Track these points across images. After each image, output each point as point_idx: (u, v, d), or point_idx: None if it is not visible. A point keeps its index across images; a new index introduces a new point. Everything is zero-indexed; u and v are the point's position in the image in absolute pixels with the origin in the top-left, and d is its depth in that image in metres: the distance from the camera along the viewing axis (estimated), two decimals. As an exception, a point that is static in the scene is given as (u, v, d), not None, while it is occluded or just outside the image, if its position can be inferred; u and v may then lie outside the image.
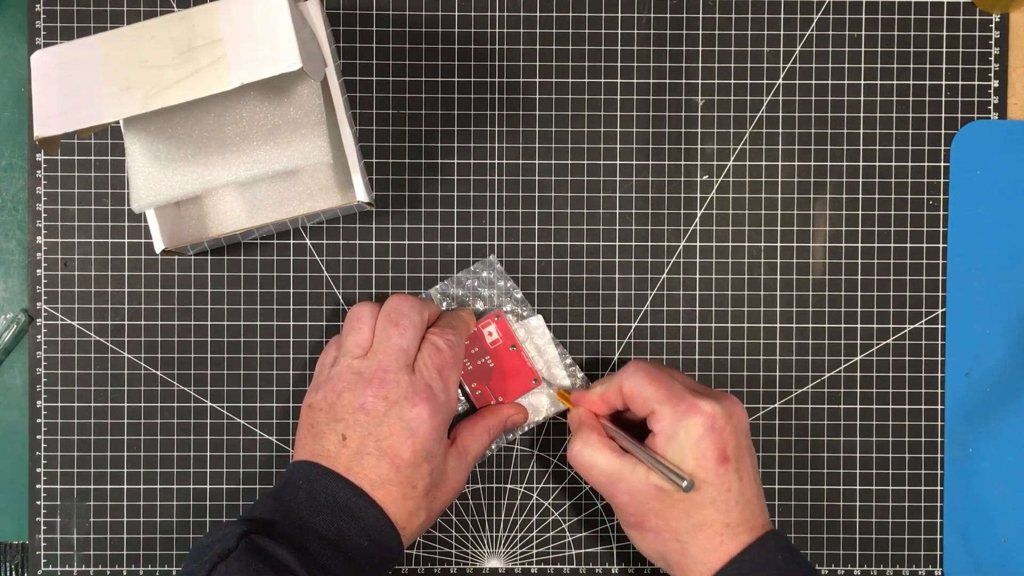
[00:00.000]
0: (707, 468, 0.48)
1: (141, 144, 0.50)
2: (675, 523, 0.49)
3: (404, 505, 0.49)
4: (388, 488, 0.48)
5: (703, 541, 0.48)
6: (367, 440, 0.49)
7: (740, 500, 0.48)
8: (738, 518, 0.48)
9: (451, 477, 0.51)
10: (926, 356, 0.57)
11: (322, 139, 0.50)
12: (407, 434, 0.49)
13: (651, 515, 0.49)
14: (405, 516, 0.49)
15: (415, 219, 0.57)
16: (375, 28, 0.57)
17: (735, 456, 0.49)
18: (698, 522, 0.48)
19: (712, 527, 0.48)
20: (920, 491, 0.57)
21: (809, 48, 0.57)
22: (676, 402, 0.49)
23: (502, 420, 0.55)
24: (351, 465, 0.48)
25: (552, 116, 0.57)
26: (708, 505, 0.48)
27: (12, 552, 0.58)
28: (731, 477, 0.48)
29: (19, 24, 0.58)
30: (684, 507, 0.48)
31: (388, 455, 0.48)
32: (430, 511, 0.50)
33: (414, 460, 0.49)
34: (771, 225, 0.57)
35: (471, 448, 0.53)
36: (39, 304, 0.57)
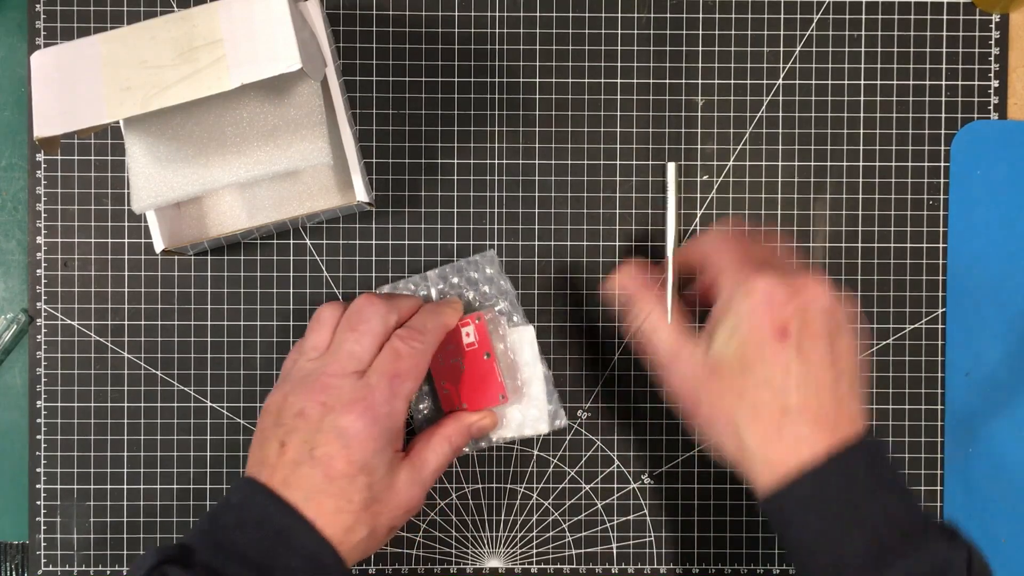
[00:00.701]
0: (760, 341, 0.43)
1: (141, 145, 0.50)
2: (730, 406, 0.44)
3: (339, 520, 0.45)
4: (320, 500, 0.45)
5: (759, 430, 0.43)
6: (303, 448, 0.45)
7: (803, 384, 0.43)
8: (799, 403, 0.43)
9: (401, 491, 0.47)
10: (926, 356, 0.57)
11: (322, 140, 0.50)
12: (340, 443, 0.45)
13: (703, 400, 0.45)
14: (341, 532, 0.45)
15: (415, 219, 0.57)
16: (375, 28, 0.57)
17: (799, 335, 0.43)
18: (752, 404, 0.44)
19: (767, 412, 0.43)
20: (920, 491, 0.57)
21: (809, 48, 0.57)
22: (738, 268, 0.45)
23: (464, 427, 0.51)
24: (287, 476, 0.45)
25: (552, 116, 0.57)
26: (762, 386, 0.43)
27: (12, 552, 0.58)
28: (789, 356, 0.43)
29: (19, 24, 0.58)
30: (738, 387, 0.44)
31: (321, 464, 0.45)
32: (373, 528, 0.46)
33: (348, 471, 0.45)
34: (771, 225, 0.57)
35: (428, 460, 0.49)
36: (39, 304, 0.57)
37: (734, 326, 0.44)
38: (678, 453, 0.57)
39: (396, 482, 0.47)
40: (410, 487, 0.48)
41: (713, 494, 0.57)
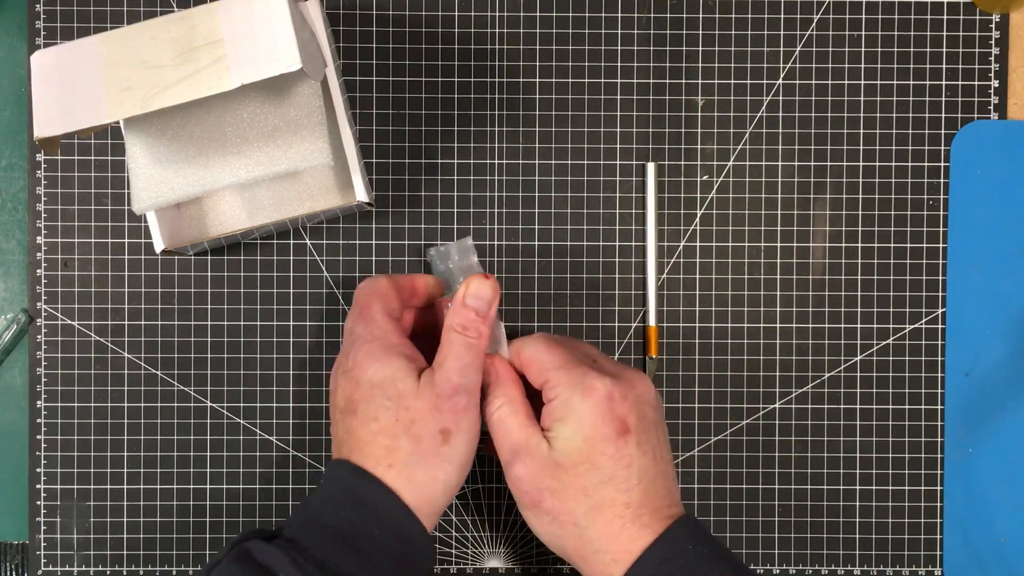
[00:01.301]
0: (605, 440, 0.45)
1: (142, 145, 0.50)
2: (572, 503, 0.45)
3: (409, 470, 0.45)
4: (392, 460, 0.45)
5: (603, 525, 0.45)
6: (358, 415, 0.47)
7: (643, 479, 0.45)
8: (640, 498, 0.45)
9: (425, 393, 0.46)
10: (926, 356, 0.57)
11: (322, 141, 0.50)
12: (348, 379, 0.47)
13: (547, 494, 0.46)
14: (417, 486, 0.45)
15: (415, 219, 0.57)
16: (375, 28, 0.57)
17: (637, 429, 0.45)
18: (596, 503, 0.45)
19: (612, 508, 0.45)
20: (920, 491, 0.57)
21: (809, 48, 0.57)
22: (572, 367, 0.46)
23: (459, 307, 0.48)
24: (359, 446, 0.46)
25: (552, 116, 0.57)
26: (607, 483, 0.45)
27: (12, 552, 0.58)
28: (631, 451, 0.45)
29: (19, 24, 0.58)
30: (581, 486, 0.45)
31: (373, 422, 0.46)
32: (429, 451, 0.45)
33: (354, 396, 0.46)
34: (771, 225, 0.57)
35: (443, 357, 0.47)
36: (39, 304, 0.57)
37: (576, 425, 0.45)
38: (678, 453, 0.57)
39: (422, 387, 0.46)
40: (432, 387, 0.46)
41: (713, 494, 0.57)
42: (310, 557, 0.43)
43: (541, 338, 0.48)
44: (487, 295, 0.48)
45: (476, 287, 0.48)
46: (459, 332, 0.47)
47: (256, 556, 0.43)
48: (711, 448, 0.57)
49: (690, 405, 0.57)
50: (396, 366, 0.47)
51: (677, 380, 0.57)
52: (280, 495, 0.57)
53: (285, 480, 0.57)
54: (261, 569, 0.43)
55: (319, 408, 0.57)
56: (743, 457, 0.57)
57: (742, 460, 0.57)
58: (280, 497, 0.57)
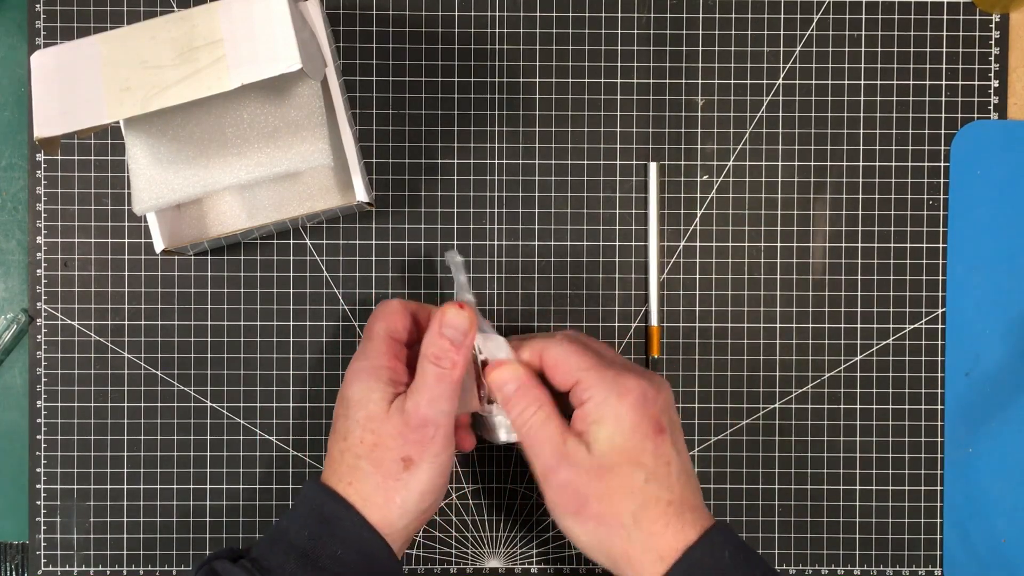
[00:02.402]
0: (645, 439, 0.45)
1: (142, 146, 0.50)
2: (619, 505, 0.45)
3: (370, 487, 0.46)
4: (356, 477, 0.46)
5: (648, 524, 0.45)
6: (336, 436, 0.48)
7: (681, 476, 0.46)
8: (681, 495, 0.46)
9: (394, 418, 0.46)
10: (926, 356, 0.57)
11: (323, 142, 0.50)
12: (343, 408, 0.48)
13: (592, 499, 0.45)
14: (380, 504, 0.46)
15: (415, 219, 0.57)
16: (375, 28, 0.57)
17: (670, 428, 0.46)
18: (642, 502, 0.45)
19: (656, 506, 0.45)
20: (920, 491, 0.57)
21: (809, 48, 0.57)
22: (603, 369, 0.46)
23: (435, 335, 0.47)
24: (335, 466, 0.47)
25: (552, 116, 0.57)
26: (651, 481, 0.45)
27: (12, 552, 0.58)
28: (669, 450, 0.46)
29: (19, 24, 0.58)
30: (626, 486, 0.45)
31: (345, 440, 0.47)
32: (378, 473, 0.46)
33: (336, 412, 0.48)
34: (771, 225, 0.57)
35: (416, 385, 0.46)
36: (39, 304, 0.57)
37: (616, 425, 0.45)
38: (678, 453, 0.57)
39: (392, 412, 0.46)
40: (401, 414, 0.46)
41: (713, 494, 0.57)
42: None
43: (567, 339, 0.48)
44: (462, 325, 0.47)
45: (451, 317, 0.47)
46: (432, 362, 0.46)
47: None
48: (711, 448, 0.57)
49: (690, 405, 0.57)
50: (372, 388, 0.47)
51: (677, 380, 0.57)
52: (280, 495, 0.57)
53: (285, 480, 0.57)
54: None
55: (319, 408, 0.57)
56: (743, 457, 0.57)
57: (742, 460, 0.57)
58: (280, 497, 0.57)
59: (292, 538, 0.45)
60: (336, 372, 0.57)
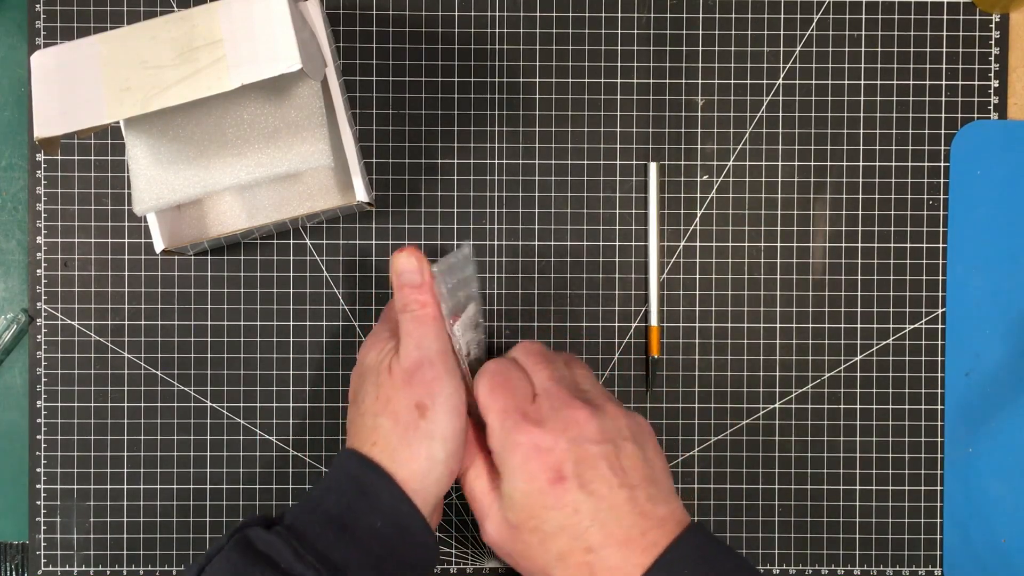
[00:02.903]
0: (540, 492, 0.43)
1: (143, 147, 0.50)
2: (538, 559, 0.44)
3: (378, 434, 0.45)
4: (392, 444, 0.45)
5: (572, 573, 0.43)
6: (372, 400, 0.47)
7: (597, 517, 0.43)
8: (601, 538, 0.43)
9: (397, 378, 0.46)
10: (926, 356, 0.57)
11: (323, 142, 0.50)
12: (357, 363, 0.49)
13: (514, 554, 0.45)
14: (418, 473, 0.45)
15: (415, 219, 0.57)
16: (375, 28, 0.57)
17: (576, 472, 0.43)
18: (557, 554, 0.43)
19: (573, 556, 0.43)
20: (920, 491, 0.57)
21: (809, 48, 0.57)
22: (505, 416, 0.45)
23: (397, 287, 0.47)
24: (369, 433, 0.46)
25: (552, 116, 0.57)
26: (559, 533, 0.43)
27: (12, 552, 0.58)
28: (573, 496, 0.43)
29: (19, 24, 0.58)
30: (539, 540, 0.44)
31: (351, 396, 0.49)
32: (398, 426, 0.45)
33: (353, 385, 0.49)
34: (771, 225, 0.57)
35: (401, 345, 0.47)
36: (39, 304, 0.57)
37: (511, 483, 0.44)
38: (678, 453, 0.57)
39: (393, 367, 0.47)
40: (399, 365, 0.46)
41: (713, 494, 0.57)
42: (310, 547, 0.43)
43: (488, 373, 0.47)
44: (411, 266, 0.47)
45: (399, 264, 0.47)
46: (403, 311, 0.47)
47: (257, 544, 0.43)
48: (711, 448, 0.57)
49: (690, 405, 0.57)
50: (382, 356, 0.47)
51: (677, 380, 0.57)
52: (280, 495, 0.57)
53: (285, 480, 0.57)
54: (263, 558, 0.42)
55: (319, 408, 0.57)
56: (743, 457, 0.57)
57: (742, 460, 0.57)
58: (280, 497, 0.57)
59: (329, 507, 0.44)
60: (336, 372, 0.57)
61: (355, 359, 0.57)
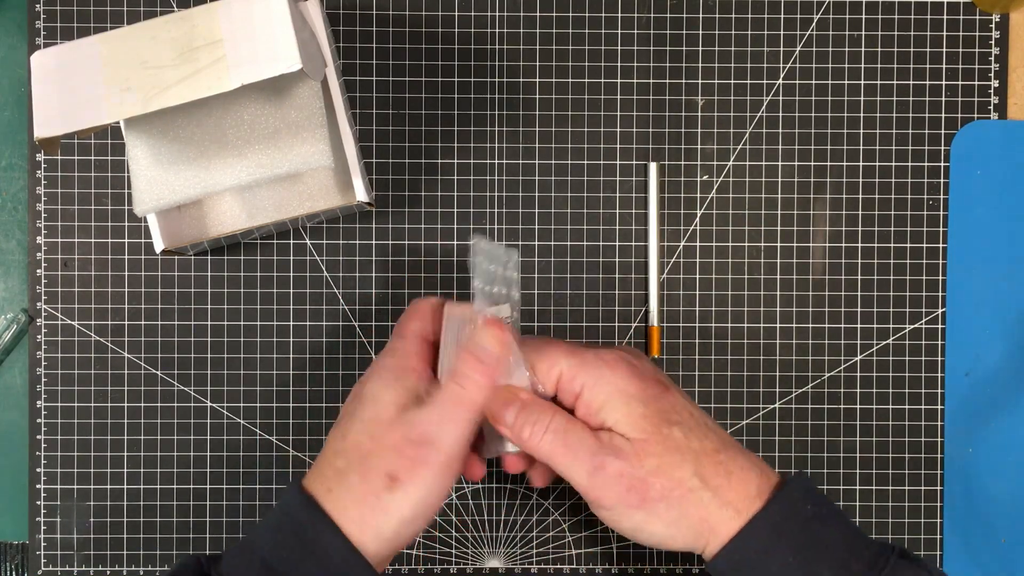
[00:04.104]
0: (658, 397, 0.43)
1: (143, 147, 0.50)
2: (677, 471, 0.42)
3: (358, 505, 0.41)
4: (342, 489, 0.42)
5: (712, 479, 0.42)
6: (334, 436, 0.45)
7: (706, 424, 0.44)
8: (719, 442, 0.44)
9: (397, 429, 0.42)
10: (926, 356, 0.57)
11: (323, 143, 0.50)
12: (354, 388, 0.46)
13: (651, 479, 0.42)
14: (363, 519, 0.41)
15: (415, 219, 0.57)
16: (375, 28, 0.57)
17: (668, 383, 0.45)
18: (694, 459, 0.43)
19: (709, 457, 0.43)
20: (920, 491, 0.57)
21: (809, 48, 0.57)
22: (582, 351, 0.44)
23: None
24: (321, 471, 0.44)
25: (552, 116, 0.57)
26: (689, 436, 0.43)
27: (12, 552, 0.58)
28: (682, 401, 0.44)
29: (19, 24, 0.58)
30: (672, 449, 0.43)
31: (343, 441, 0.44)
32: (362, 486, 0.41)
33: (345, 408, 0.45)
34: (771, 225, 0.57)
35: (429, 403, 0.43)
36: (39, 304, 0.57)
37: (625, 400, 0.43)
38: (678, 453, 0.57)
39: (398, 421, 0.43)
40: (406, 424, 0.42)
41: (713, 494, 0.57)
42: None
43: (537, 338, 0.46)
44: (494, 349, 0.43)
45: (482, 337, 0.44)
46: (455, 380, 0.43)
47: None
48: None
49: (690, 405, 0.57)
50: (388, 387, 0.44)
51: (677, 380, 0.57)
52: (280, 495, 0.57)
53: (285, 480, 0.57)
54: None
55: (319, 408, 0.57)
56: (743, 457, 0.57)
57: (742, 460, 0.57)
58: (280, 497, 0.57)
59: (266, 555, 0.41)
60: (336, 372, 0.57)
61: (355, 359, 0.57)
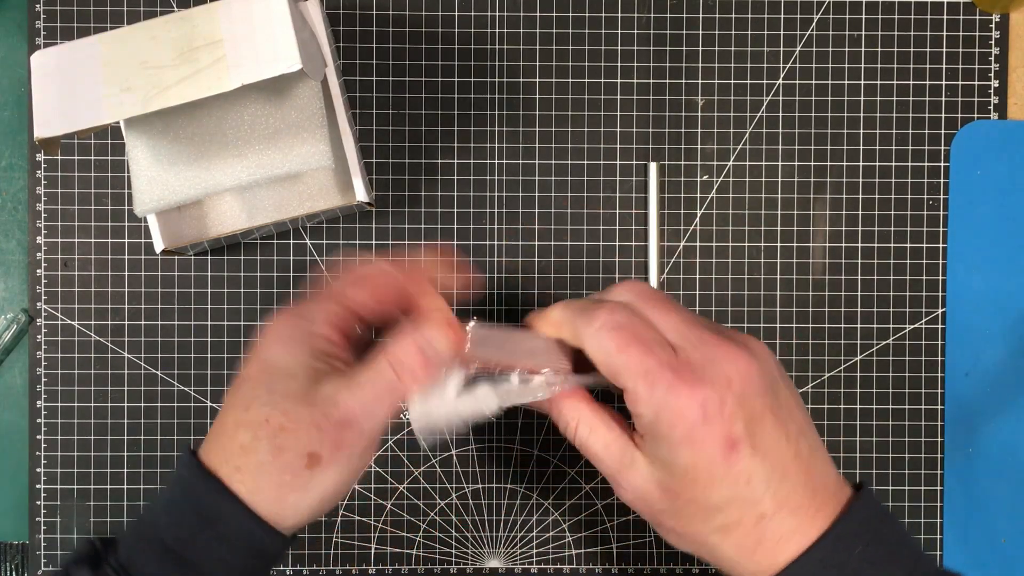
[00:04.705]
0: (711, 463, 0.37)
1: (143, 148, 0.50)
2: (696, 525, 0.39)
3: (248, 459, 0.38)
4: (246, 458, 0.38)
5: (736, 542, 0.38)
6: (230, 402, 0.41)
7: (771, 482, 0.37)
8: (775, 504, 0.38)
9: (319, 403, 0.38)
10: (926, 356, 0.57)
11: (323, 143, 0.50)
12: (251, 350, 0.40)
13: (664, 516, 0.40)
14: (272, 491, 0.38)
15: (415, 219, 0.57)
16: (375, 28, 0.57)
17: (748, 434, 0.37)
18: (722, 524, 0.38)
19: (741, 527, 0.38)
20: (920, 491, 0.57)
21: (809, 48, 0.57)
22: (654, 378, 0.38)
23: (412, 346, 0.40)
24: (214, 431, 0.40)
25: (552, 116, 0.57)
26: (729, 504, 0.38)
27: (12, 552, 0.58)
28: (746, 464, 0.37)
29: (19, 24, 0.58)
30: (700, 509, 0.38)
31: (232, 385, 0.40)
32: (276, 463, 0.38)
33: (245, 372, 0.39)
34: (771, 225, 0.57)
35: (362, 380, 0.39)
36: (39, 304, 0.57)
37: (671, 450, 0.38)
38: (678, 453, 0.57)
39: (317, 395, 0.39)
40: (328, 402, 0.38)
41: (713, 494, 0.57)
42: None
43: (609, 326, 0.39)
44: (441, 349, 0.40)
45: (434, 334, 0.40)
46: (391, 364, 0.39)
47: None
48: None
49: (690, 405, 0.57)
50: (301, 360, 0.39)
51: (677, 380, 0.57)
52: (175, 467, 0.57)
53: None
54: None
55: (319, 408, 0.57)
56: (743, 457, 0.57)
57: (742, 460, 0.57)
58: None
59: (165, 537, 0.38)
60: (336, 372, 0.57)
61: (355, 359, 0.57)
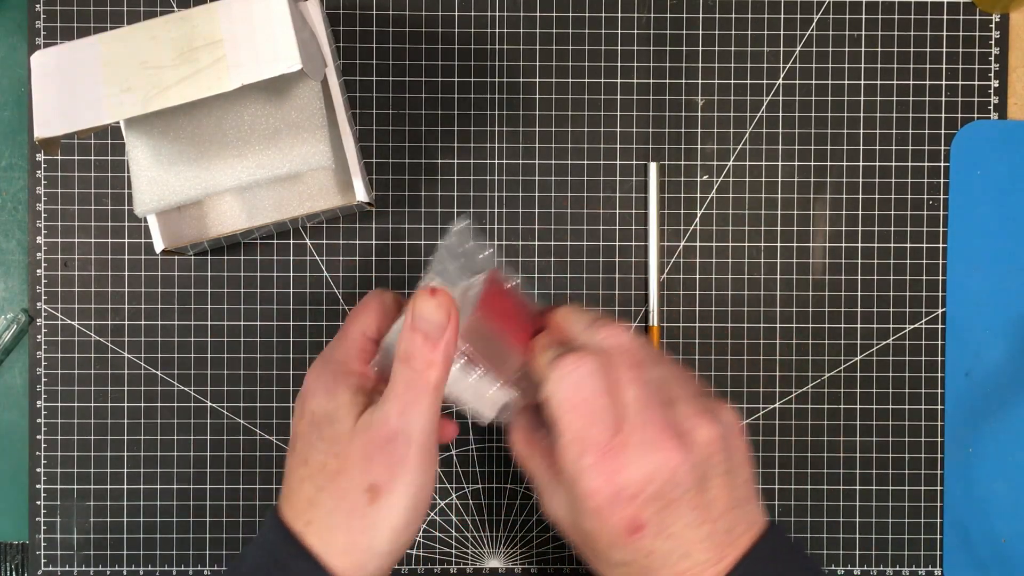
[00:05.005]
0: (614, 536, 0.39)
1: (144, 148, 0.50)
2: (600, 567, 0.41)
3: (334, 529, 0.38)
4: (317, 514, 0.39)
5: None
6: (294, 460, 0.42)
7: (670, 560, 0.39)
8: (674, 573, 0.39)
9: (359, 432, 0.39)
10: (926, 356, 0.57)
11: (324, 143, 0.50)
12: (297, 405, 0.42)
13: (577, 545, 0.41)
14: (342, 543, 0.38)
15: (415, 219, 0.57)
16: (375, 28, 0.57)
17: (657, 519, 0.38)
18: (623, 574, 0.40)
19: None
20: (920, 491, 0.57)
21: (809, 48, 0.57)
22: (583, 450, 0.39)
23: (408, 332, 0.40)
24: (292, 497, 0.42)
25: (552, 116, 0.57)
26: (629, 566, 0.39)
27: (12, 552, 0.58)
28: (649, 543, 0.38)
29: (19, 24, 0.58)
30: (603, 560, 0.40)
31: (290, 443, 0.42)
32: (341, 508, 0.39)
33: (297, 429, 0.40)
34: (771, 225, 0.57)
35: (382, 402, 0.40)
36: (39, 304, 0.57)
37: (581, 514, 0.39)
38: (678, 453, 0.57)
39: (358, 429, 0.40)
40: (368, 430, 0.39)
41: (713, 494, 0.57)
42: None
43: (575, 380, 0.39)
44: (435, 318, 0.39)
45: (420, 307, 0.40)
46: (403, 363, 0.39)
47: None
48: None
49: (690, 405, 0.57)
50: (340, 400, 0.40)
51: (677, 380, 0.57)
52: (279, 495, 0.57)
53: (285, 480, 0.57)
54: None
55: (319, 408, 0.57)
56: (743, 457, 0.57)
57: (742, 460, 0.57)
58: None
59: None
60: (336, 372, 0.57)
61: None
